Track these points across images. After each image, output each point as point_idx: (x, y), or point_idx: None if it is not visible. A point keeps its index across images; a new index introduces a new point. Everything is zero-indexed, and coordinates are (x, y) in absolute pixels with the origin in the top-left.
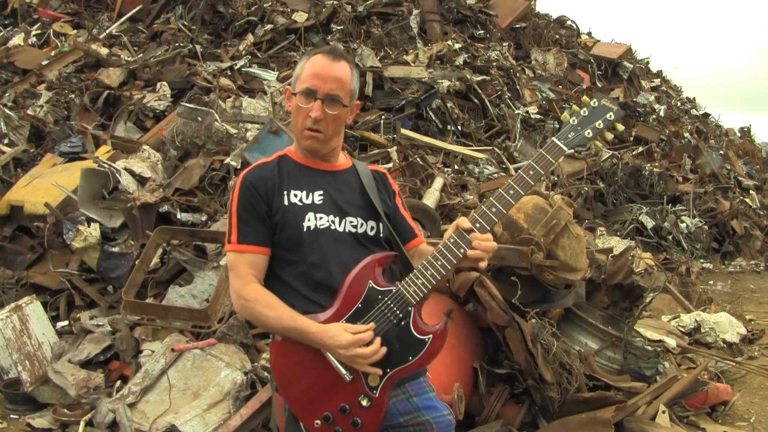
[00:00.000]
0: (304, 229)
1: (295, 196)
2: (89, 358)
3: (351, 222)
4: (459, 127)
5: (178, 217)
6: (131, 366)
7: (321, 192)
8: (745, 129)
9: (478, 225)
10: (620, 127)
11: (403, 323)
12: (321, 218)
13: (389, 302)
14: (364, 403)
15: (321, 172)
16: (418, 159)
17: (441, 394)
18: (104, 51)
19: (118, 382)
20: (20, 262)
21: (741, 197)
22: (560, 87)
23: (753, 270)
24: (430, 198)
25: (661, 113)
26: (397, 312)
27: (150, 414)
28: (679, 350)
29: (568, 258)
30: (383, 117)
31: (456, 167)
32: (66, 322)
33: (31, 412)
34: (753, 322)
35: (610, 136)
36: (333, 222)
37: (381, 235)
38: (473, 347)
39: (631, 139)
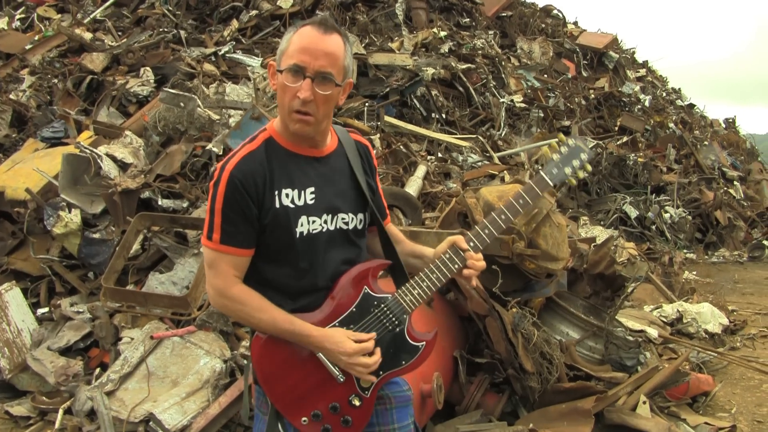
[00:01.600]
0: (297, 235)
1: (287, 196)
2: (69, 345)
3: (342, 219)
4: (443, 115)
5: (160, 203)
6: (110, 353)
7: (312, 189)
8: (731, 120)
9: (472, 244)
10: (588, 168)
11: (398, 330)
12: (314, 222)
13: (385, 309)
14: (356, 402)
15: (310, 159)
16: (402, 147)
17: (420, 383)
18: (88, 36)
19: (98, 370)
20: (0, 248)
21: (725, 188)
22: (545, 76)
23: (736, 261)
24: (413, 186)
25: (647, 103)
26: (393, 319)
27: (128, 402)
28: (660, 340)
29: (549, 247)
30: (367, 104)
31: (440, 155)
32: (46, 309)
33: (9, 399)
34: (735, 312)
35: (582, 174)
36: (325, 222)
37: (366, 224)
38: (453, 336)
39: (616, 128)
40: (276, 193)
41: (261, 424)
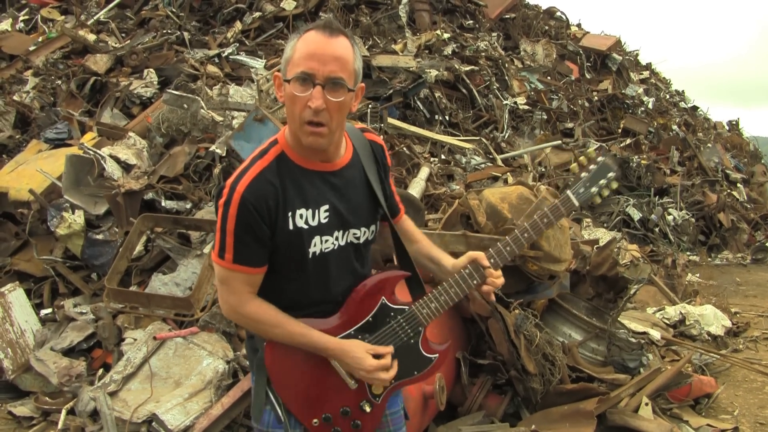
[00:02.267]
0: (310, 255)
1: (301, 217)
2: (72, 345)
3: (354, 234)
4: (446, 117)
5: (163, 204)
6: (113, 354)
7: (327, 207)
8: (734, 122)
9: (492, 261)
10: (615, 185)
11: (412, 341)
12: (326, 240)
13: (402, 321)
14: (366, 408)
15: (324, 174)
16: (405, 148)
17: (423, 384)
18: (92, 37)
19: (101, 371)
20: (4, 248)
21: (728, 190)
22: (549, 78)
23: (739, 263)
24: (416, 188)
25: (650, 105)
26: (409, 331)
27: (131, 402)
28: (663, 342)
29: (552, 249)
30: (370, 106)
31: (443, 157)
32: (49, 310)
33: (12, 400)
34: (738, 315)
35: (606, 193)
36: (337, 239)
37: (376, 234)
38: (456, 337)
39: (619, 130)
40: (290, 214)
41: (267, 416)
